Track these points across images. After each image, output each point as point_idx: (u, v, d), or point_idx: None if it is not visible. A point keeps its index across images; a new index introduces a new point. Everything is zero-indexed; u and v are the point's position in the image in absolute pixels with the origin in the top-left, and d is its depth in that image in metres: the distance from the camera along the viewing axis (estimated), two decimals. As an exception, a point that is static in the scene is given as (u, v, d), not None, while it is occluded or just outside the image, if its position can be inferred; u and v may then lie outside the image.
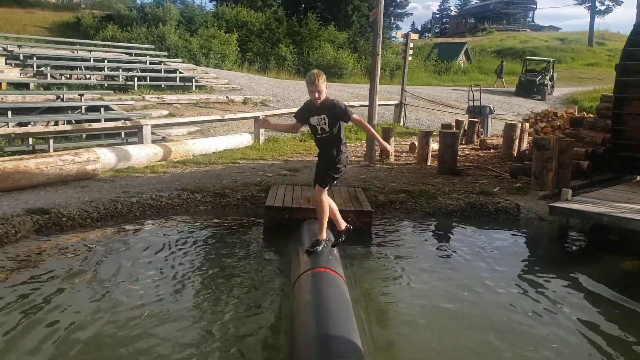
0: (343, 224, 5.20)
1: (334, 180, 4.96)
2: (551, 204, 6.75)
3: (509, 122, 12.82)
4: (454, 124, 14.09)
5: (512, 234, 7.00)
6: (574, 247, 6.72)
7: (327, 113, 4.76)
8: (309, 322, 3.52)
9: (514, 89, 27.42)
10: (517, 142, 11.76)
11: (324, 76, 4.77)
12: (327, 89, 4.81)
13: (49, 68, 15.93)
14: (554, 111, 15.31)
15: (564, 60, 45.75)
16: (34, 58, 16.26)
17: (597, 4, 57.99)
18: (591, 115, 12.87)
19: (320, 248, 4.91)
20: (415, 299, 4.71)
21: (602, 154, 9.92)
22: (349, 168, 10.06)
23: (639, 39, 9.02)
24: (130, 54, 21.07)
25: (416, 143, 11.53)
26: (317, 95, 4.70)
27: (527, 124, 13.27)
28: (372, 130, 4.98)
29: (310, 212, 6.42)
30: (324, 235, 5.02)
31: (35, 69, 15.82)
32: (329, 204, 5.02)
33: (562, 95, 26.58)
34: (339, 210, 6.41)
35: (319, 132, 4.86)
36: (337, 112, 4.75)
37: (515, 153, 11.54)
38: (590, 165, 9.50)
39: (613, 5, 59.25)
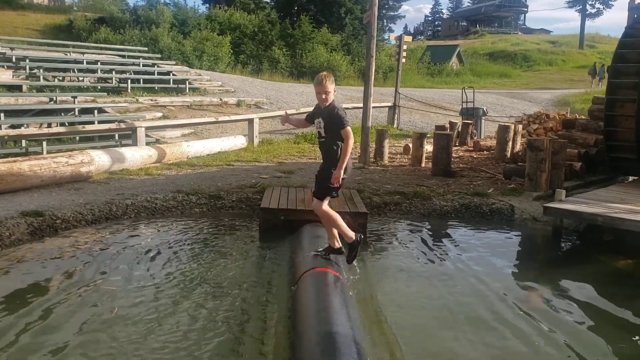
0: (351, 234, 4.94)
1: (333, 191, 4.76)
2: (545, 205, 6.79)
3: (502, 123, 12.89)
4: (447, 125, 14.13)
5: (506, 235, 7.03)
6: (568, 248, 6.76)
7: (324, 117, 4.65)
8: (313, 322, 3.51)
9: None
10: (510, 143, 11.82)
11: (333, 78, 4.65)
12: (335, 93, 4.68)
13: (41, 70, 15.89)
14: (546, 113, 15.35)
15: (555, 63, 46.14)
16: (27, 60, 16.21)
17: (588, 7, 58.44)
18: (583, 117, 12.95)
19: (328, 255, 4.81)
20: (411, 300, 4.71)
21: (594, 155, 9.99)
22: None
23: (631, 41, 9.09)
24: (123, 56, 21.04)
25: (410, 145, 11.56)
26: (323, 96, 4.57)
27: (520, 126, 13.33)
28: (347, 151, 4.62)
29: (305, 214, 6.44)
30: (337, 243, 4.89)
31: (27, 71, 15.77)
32: (333, 214, 4.87)
33: (554, 98, 26.74)
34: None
35: (318, 135, 4.78)
36: (333, 118, 4.60)
37: (508, 154, 11.59)
38: (583, 167, 9.55)
39: (603, 9, 59.75)
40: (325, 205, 4.82)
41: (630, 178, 9.48)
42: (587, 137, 10.55)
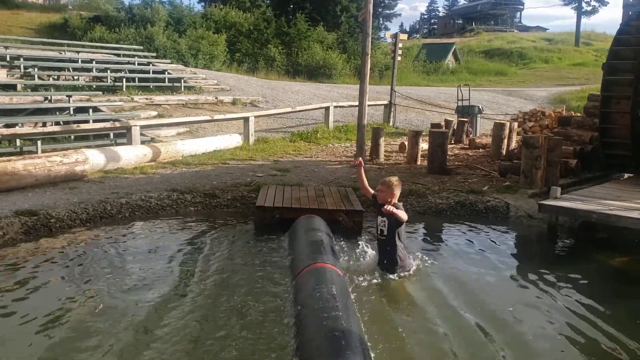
0: None
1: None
2: (540, 202, 6.80)
3: (498, 121, 12.88)
4: (443, 123, 14.13)
5: (501, 232, 7.03)
6: (563, 245, 6.76)
7: (388, 217, 5.02)
8: (316, 319, 3.49)
9: None
10: (505, 141, 11.82)
11: (401, 184, 5.20)
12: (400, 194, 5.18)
13: (36, 69, 15.81)
14: (542, 110, 15.38)
15: (551, 61, 46.18)
16: (21, 59, 16.13)
17: (583, 4, 58.52)
18: (579, 114, 12.96)
19: None
20: (406, 297, 4.71)
21: (590, 152, 10.01)
22: (340, 168, 10.12)
23: (626, 38, 9.10)
24: (118, 55, 20.96)
25: (406, 143, 11.56)
26: (389, 199, 5.03)
27: (516, 124, 13.32)
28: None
29: (300, 212, 6.43)
30: None
31: (22, 70, 15.68)
32: None
33: (550, 95, 26.74)
34: (331, 210, 6.49)
35: (378, 232, 5.18)
36: (394, 220, 4.96)
37: (504, 152, 11.59)
38: (578, 164, 9.57)
39: (599, 6, 59.85)
40: None
41: (626, 175, 9.50)
42: (582, 134, 10.57)
